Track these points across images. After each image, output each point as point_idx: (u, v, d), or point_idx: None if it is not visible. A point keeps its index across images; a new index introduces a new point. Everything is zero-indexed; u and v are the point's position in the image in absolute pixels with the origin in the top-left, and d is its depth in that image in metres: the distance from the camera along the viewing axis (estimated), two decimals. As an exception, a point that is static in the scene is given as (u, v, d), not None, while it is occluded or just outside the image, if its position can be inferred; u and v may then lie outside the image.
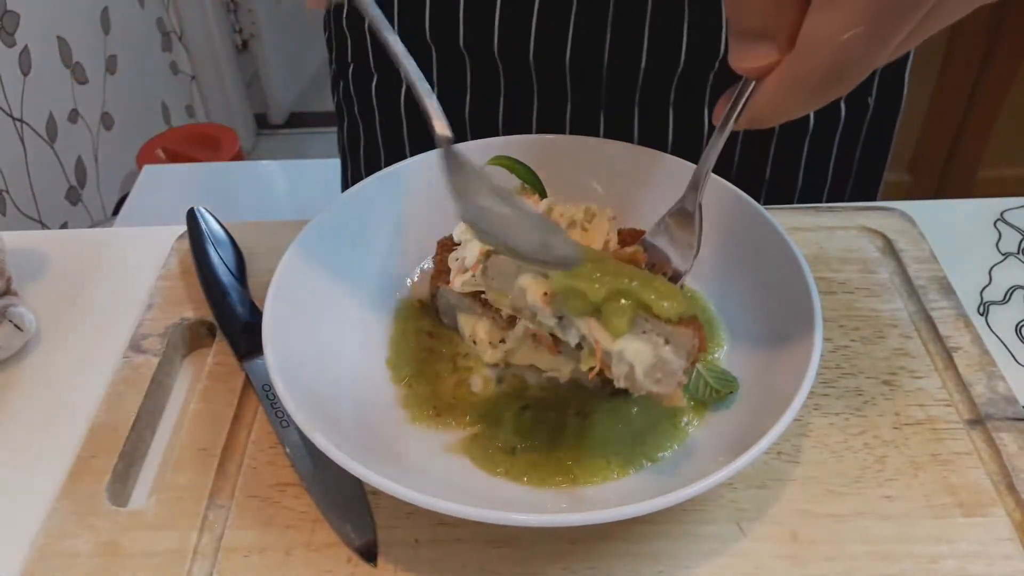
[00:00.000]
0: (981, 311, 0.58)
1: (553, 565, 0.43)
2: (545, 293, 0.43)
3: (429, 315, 0.55)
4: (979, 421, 0.49)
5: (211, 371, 0.53)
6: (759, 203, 0.53)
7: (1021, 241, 0.63)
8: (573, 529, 0.43)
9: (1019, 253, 0.62)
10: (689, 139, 0.69)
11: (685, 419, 0.47)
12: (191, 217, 0.61)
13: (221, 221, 0.61)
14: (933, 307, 0.56)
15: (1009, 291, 0.59)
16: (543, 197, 0.52)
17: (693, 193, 0.46)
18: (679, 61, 0.64)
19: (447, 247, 0.53)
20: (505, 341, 0.50)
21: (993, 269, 0.61)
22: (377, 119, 0.76)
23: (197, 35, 2.35)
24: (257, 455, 0.48)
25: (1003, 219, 0.65)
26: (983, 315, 0.57)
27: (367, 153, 0.79)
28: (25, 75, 1.59)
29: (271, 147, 2.69)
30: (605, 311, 0.41)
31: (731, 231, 0.54)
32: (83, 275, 0.62)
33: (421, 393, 0.50)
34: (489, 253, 0.47)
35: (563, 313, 0.44)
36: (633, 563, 0.43)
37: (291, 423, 0.48)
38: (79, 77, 1.80)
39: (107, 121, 1.93)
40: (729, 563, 0.43)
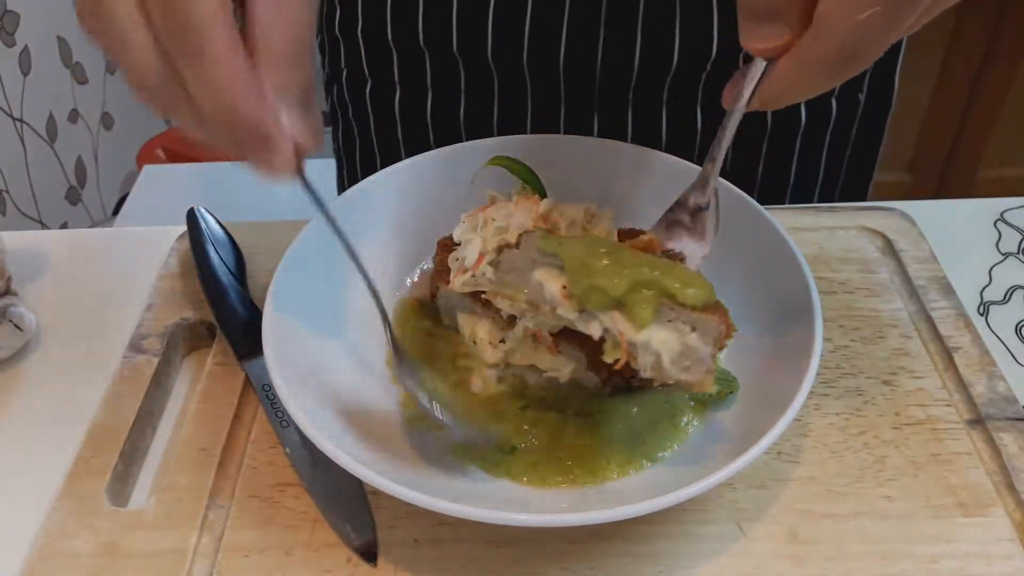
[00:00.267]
0: (981, 311, 0.58)
1: (553, 565, 0.43)
2: (564, 286, 0.43)
3: (429, 315, 0.55)
4: (979, 421, 0.49)
5: (211, 371, 0.53)
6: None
7: (1021, 241, 0.63)
8: (573, 529, 0.43)
9: (1019, 253, 0.62)
10: (682, 139, 0.69)
11: (685, 419, 0.47)
12: (191, 217, 0.61)
13: (221, 221, 0.61)
14: (933, 307, 0.56)
15: (1009, 291, 0.59)
16: (543, 197, 0.51)
17: (707, 176, 0.46)
18: (672, 62, 0.64)
19: (447, 247, 0.53)
20: (505, 341, 0.50)
21: (993, 269, 0.61)
22: (372, 124, 0.76)
23: (197, 35, 2.35)
24: (257, 455, 0.48)
25: (1003, 219, 0.65)
26: (983, 315, 0.57)
27: (362, 156, 0.79)
28: (25, 75, 1.59)
29: (271, 147, 2.68)
30: (628, 302, 0.41)
31: (731, 231, 0.54)
32: (83, 275, 0.62)
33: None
34: (501, 248, 0.46)
35: (584, 306, 0.43)
36: (633, 563, 0.43)
37: (291, 423, 0.48)
38: (79, 77, 1.80)
39: (107, 121, 1.93)
40: (729, 563, 0.43)
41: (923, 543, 0.43)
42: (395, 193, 0.57)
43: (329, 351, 0.49)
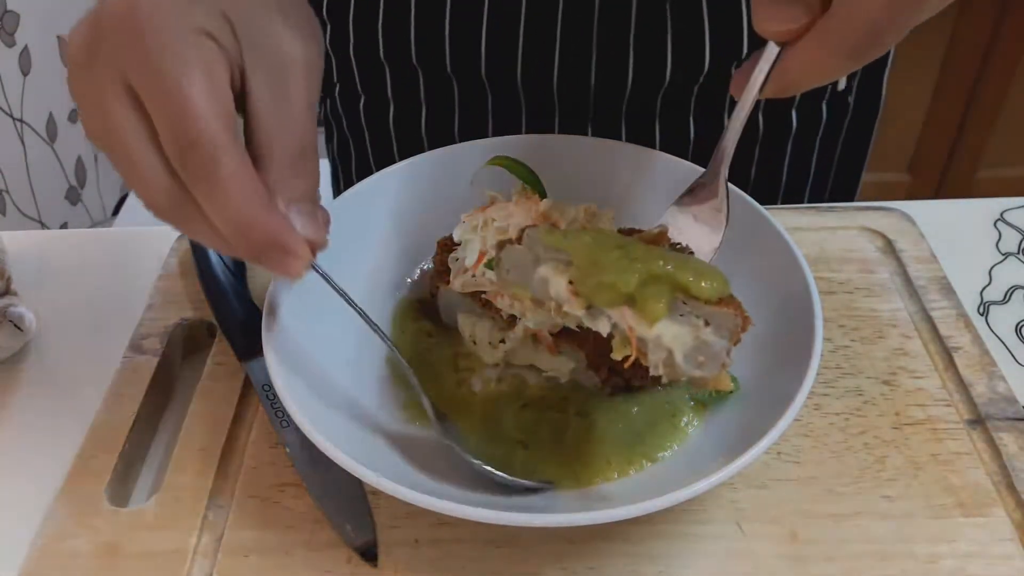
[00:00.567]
0: (981, 311, 0.58)
1: (553, 565, 0.43)
2: (570, 282, 0.41)
3: (429, 315, 0.55)
4: (979, 421, 0.49)
5: (211, 371, 0.53)
6: None
7: (1021, 241, 0.63)
8: (573, 529, 0.43)
9: (1019, 253, 0.62)
10: (675, 149, 0.69)
11: (685, 419, 0.47)
12: (191, 217, 0.61)
13: (221, 221, 0.61)
14: (933, 307, 0.56)
15: (1009, 291, 0.59)
16: (543, 197, 0.51)
17: (716, 165, 0.45)
18: (664, 78, 0.65)
19: (447, 247, 0.53)
20: (505, 341, 0.50)
21: (993, 269, 0.61)
22: (367, 138, 0.76)
23: (197, 35, 2.35)
24: (257, 455, 0.48)
25: (1003, 219, 0.65)
26: (983, 315, 0.57)
27: (358, 165, 0.79)
28: (25, 75, 1.59)
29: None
30: (639, 297, 0.39)
31: (731, 230, 0.53)
32: (83, 275, 0.62)
33: (421, 393, 0.50)
34: (502, 244, 0.45)
35: (592, 302, 0.41)
36: (633, 563, 0.43)
37: (291, 423, 0.48)
38: (79, 77, 1.80)
39: (107, 121, 1.93)
40: (729, 563, 0.43)
41: (923, 543, 0.43)
42: (395, 193, 0.57)
43: (329, 351, 0.49)
